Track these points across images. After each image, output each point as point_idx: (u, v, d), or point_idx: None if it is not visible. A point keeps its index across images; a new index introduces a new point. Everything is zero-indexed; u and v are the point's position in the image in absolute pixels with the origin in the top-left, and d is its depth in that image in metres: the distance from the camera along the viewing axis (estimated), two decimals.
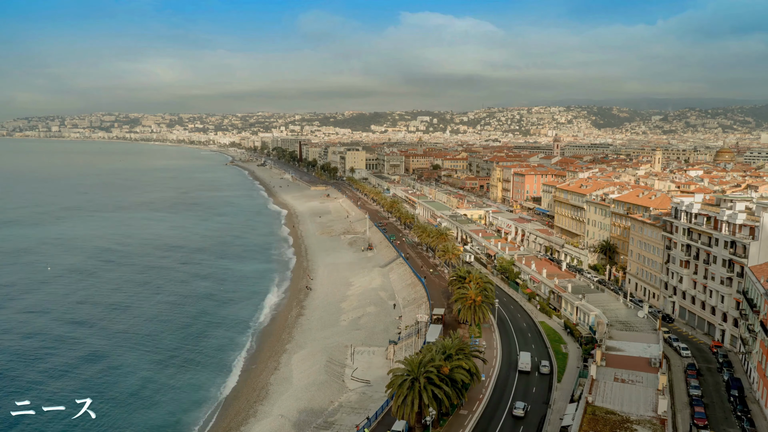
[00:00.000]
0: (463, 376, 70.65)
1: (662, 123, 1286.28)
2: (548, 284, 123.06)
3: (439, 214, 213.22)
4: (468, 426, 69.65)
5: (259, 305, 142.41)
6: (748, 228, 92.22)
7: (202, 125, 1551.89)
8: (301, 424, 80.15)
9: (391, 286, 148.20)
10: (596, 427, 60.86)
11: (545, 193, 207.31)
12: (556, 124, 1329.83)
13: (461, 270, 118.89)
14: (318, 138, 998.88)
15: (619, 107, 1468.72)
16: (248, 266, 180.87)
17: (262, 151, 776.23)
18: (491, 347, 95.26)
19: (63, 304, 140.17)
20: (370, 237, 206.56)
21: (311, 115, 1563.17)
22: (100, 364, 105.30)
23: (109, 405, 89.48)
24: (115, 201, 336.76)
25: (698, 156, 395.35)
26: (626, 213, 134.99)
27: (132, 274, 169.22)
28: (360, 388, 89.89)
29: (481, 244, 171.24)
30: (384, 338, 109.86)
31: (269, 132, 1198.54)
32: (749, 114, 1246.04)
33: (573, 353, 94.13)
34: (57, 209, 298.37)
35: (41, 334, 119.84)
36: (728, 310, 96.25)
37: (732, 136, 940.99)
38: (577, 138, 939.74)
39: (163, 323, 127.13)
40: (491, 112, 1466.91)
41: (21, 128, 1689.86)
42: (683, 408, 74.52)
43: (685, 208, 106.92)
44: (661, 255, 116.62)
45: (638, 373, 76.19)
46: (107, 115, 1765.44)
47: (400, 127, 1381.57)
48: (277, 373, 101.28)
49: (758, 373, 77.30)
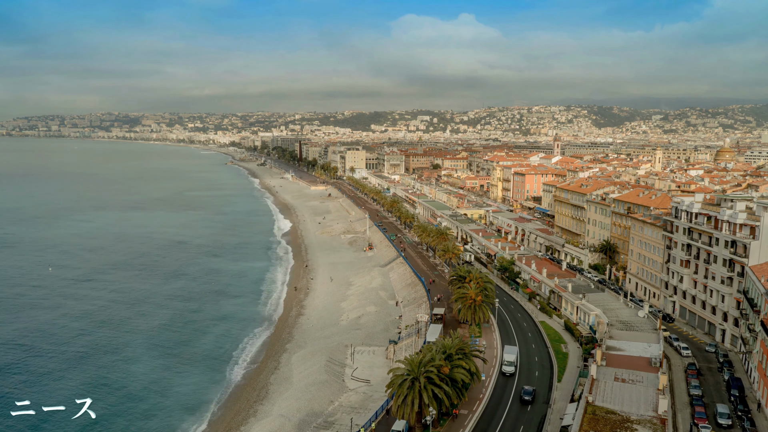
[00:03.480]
0: (464, 375, 70.62)
1: (663, 122, 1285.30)
2: (548, 284, 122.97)
3: (439, 214, 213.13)
4: (468, 426, 69.60)
5: (258, 305, 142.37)
6: (748, 227, 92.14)
7: (202, 125, 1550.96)
8: (301, 424, 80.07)
9: (391, 285, 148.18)
10: (596, 426, 60.81)
11: (545, 193, 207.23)
12: (556, 123, 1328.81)
13: (461, 269, 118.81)
14: (318, 137, 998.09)
15: (619, 106, 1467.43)
16: (248, 266, 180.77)
17: (262, 151, 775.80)
18: (491, 347, 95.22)
19: (63, 303, 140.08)
20: (370, 236, 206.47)
21: (311, 115, 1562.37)
22: (100, 364, 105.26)
23: (109, 405, 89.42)
24: (115, 201, 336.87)
25: (699, 155, 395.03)
26: (627, 212, 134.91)
27: (132, 274, 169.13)
28: (360, 388, 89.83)
29: (481, 243, 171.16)
30: (384, 338, 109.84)
31: (269, 131, 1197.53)
32: (750, 113, 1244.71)
33: (573, 353, 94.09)
34: (53, 209, 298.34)
35: (41, 334, 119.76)
36: (729, 310, 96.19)
37: (733, 135, 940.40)
38: (577, 137, 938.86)
39: (163, 323, 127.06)
40: (491, 111, 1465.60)
41: (21, 128, 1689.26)
42: (683, 408, 74.50)
43: (685, 207, 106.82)
44: (661, 254, 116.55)
45: (639, 373, 76.15)
46: (107, 115, 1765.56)
47: (400, 126, 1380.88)
48: (277, 372, 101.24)
49: (759, 373, 77.25)
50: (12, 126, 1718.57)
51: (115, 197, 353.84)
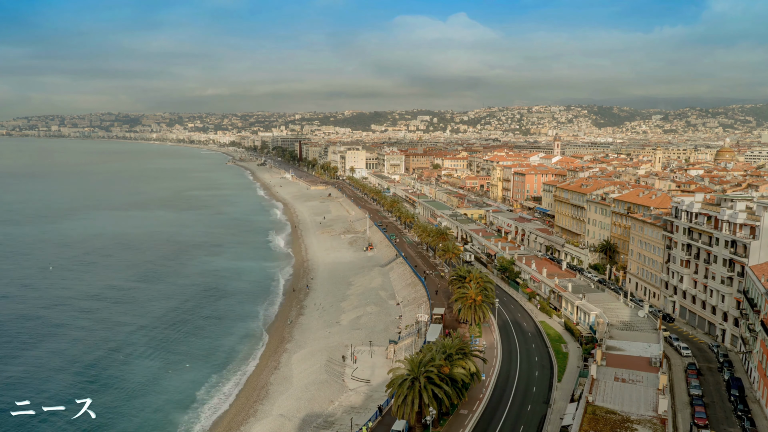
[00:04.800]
0: (464, 375, 70.62)
1: (663, 122, 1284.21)
2: (548, 284, 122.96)
3: (439, 214, 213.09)
4: (468, 426, 69.61)
5: (258, 304, 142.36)
6: (748, 227, 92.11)
7: (202, 124, 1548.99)
8: (301, 423, 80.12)
9: (391, 285, 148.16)
10: (596, 426, 60.80)
11: (545, 193, 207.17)
12: (556, 123, 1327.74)
13: (461, 269, 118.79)
14: (318, 137, 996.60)
15: (619, 106, 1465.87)
16: (247, 265, 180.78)
17: (262, 151, 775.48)
18: (491, 347, 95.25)
19: (63, 303, 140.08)
20: (371, 236, 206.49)
21: (311, 115, 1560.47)
22: (100, 363, 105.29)
23: (109, 405, 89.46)
24: (115, 200, 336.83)
25: (699, 155, 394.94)
26: (627, 212, 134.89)
27: (132, 273, 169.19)
28: (360, 388, 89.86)
29: (481, 243, 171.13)
30: (384, 338, 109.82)
31: (269, 131, 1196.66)
32: (750, 113, 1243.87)
33: (573, 353, 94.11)
34: (53, 208, 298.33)
35: (41, 333, 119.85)
36: (729, 310, 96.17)
37: (733, 134, 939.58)
38: (577, 137, 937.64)
39: (162, 323, 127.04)
40: (491, 111, 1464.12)
41: (21, 127, 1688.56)
42: (683, 407, 74.48)
43: (685, 207, 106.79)
44: (661, 254, 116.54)
45: (639, 373, 76.12)
46: (107, 115, 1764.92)
47: (400, 126, 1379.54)
48: (277, 372, 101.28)
49: (759, 373, 77.25)
50: (12, 126, 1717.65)
51: (115, 197, 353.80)
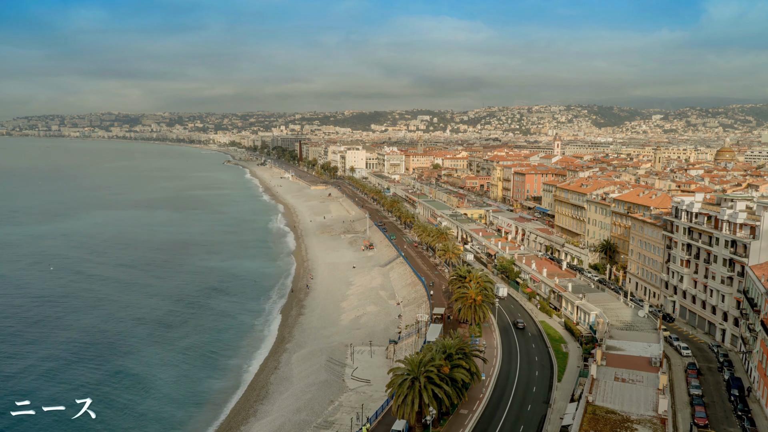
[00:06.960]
0: (464, 375, 70.60)
1: (663, 122, 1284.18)
2: (548, 283, 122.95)
3: (439, 214, 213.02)
4: (468, 425, 69.60)
5: (258, 304, 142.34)
6: (748, 227, 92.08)
7: (202, 124, 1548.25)
8: (301, 423, 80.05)
9: (391, 285, 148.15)
10: (597, 426, 60.79)
11: (546, 193, 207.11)
12: (556, 123, 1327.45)
13: (461, 269, 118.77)
14: (318, 137, 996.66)
15: (619, 106, 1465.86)
16: (247, 264, 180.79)
17: (262, 150, 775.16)
18: (491, 346, 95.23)
19: (63, 302, 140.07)
20: (371, 236, 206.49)
21: (311, 114, 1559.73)
22: (101, 363, 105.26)
23: (109, 405, 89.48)
24: (115, 200, 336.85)
25: (699, 155, 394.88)
26: (627, 212, 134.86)
27: (132, 272, 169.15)
28: (360, 388, 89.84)
29: (481, 243, 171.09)
30: (384, 337, 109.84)
31: (269, 131, 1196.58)
32: (750, 113, 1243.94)
33: (573, 352, 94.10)
34: (53, 208, 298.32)
35: (41, 333, 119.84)
36: (729, 310, 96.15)
37: (733, 134, 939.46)
38: (577, 137, 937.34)
39: (162, 323, 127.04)
40: (491, 111, 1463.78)
41: (21, 127, 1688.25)
42: (683, 407, 74.46)
43: (685, 207, 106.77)
44: (661, 254, 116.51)
45: (639, 373, 76.09)
46: (107, 114, 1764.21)
47: (400, 126, 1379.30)
48: (277, 372, 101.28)
49: (759, 373, 77.23)
50: (12, 126, 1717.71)
51: (114, 196, 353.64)
